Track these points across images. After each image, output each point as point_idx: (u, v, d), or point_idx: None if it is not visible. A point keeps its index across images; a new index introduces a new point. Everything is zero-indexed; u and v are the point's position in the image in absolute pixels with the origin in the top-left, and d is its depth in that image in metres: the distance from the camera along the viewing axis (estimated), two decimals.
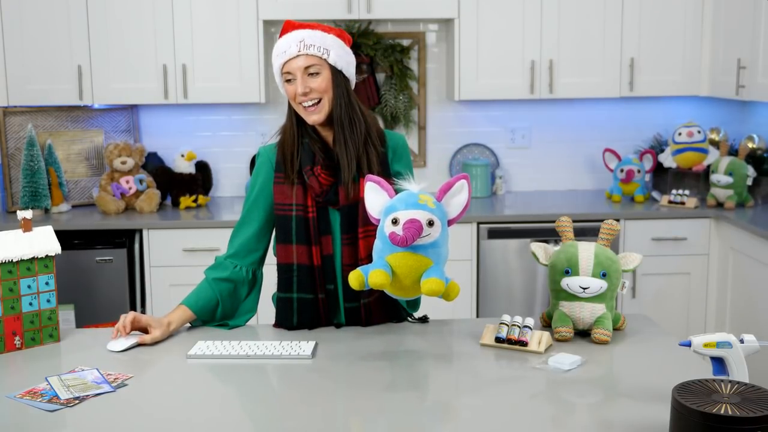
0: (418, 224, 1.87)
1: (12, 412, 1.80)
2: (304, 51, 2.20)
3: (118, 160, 4.18)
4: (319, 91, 2.21)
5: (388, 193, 1.97)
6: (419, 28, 4.55)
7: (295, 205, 2.27)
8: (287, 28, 2.26)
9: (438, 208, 1.93)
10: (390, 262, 1.92)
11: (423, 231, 1.87)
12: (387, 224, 1.91)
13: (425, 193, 1.95)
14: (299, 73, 2.20)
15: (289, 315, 2.32)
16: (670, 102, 4.63)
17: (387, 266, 1.91)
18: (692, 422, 1.45)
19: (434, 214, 1.91)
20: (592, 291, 2.17)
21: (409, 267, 1.91)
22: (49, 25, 4.08)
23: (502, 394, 1.87)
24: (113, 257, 3.96)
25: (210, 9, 4.14)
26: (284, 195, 2.28)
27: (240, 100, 4.24)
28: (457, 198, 1.96)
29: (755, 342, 1.75)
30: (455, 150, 4.63)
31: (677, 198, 4.18)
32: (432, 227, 1.90)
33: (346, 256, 2.28)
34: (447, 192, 1.96)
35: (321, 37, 2.22)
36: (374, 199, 1.99)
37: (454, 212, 1.96)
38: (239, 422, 1.78)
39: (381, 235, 1.94)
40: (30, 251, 2.18)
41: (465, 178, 1.96)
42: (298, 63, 2.20)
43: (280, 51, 2.23)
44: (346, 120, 2.24)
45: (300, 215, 2.27)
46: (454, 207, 1.97)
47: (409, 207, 1.89)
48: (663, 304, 4.12)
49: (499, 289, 4.09)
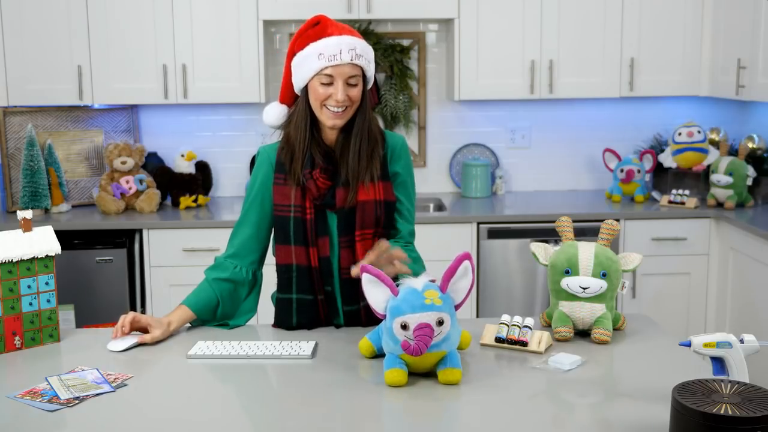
0: (428, 330, 1.83)
1: (12, 412, 1.80)
2: (356, 60, 2.16)
3: (118, 160, 4.18)
4: (354, 100, 2.20)
5: (389, 288, 1.91)
6: (419, 28, 4.55)
7: (294, 206, 2.27)
8: (329, 28, 2.19)
9: (445, 302, 1.88)
10: (404, 359, 1.91)
11: (434, 333, 1.85)
12: (396, 328, 1.87)
13: (430, 287, 1.89)
14: (342, 80, 2.16)
15: (288, 315, 2.32)
16: (670, 102, 4.63)
17: (403, 364, 1.90)
18: (692, 422, 1.45)
19: (442, 311, 1.86)
20: (592, 291, 2.17)
21: (422, 360, 1.91)
22: (49, 25, 4.08)
23: (502, 394, 1.87)
24: (113, 257, 3.96)
25: (210, 9, 4.14)
26: (284, 196, 2.28)
27: (240, 100, 4.24)
28: (461, 282, 1.91)
29: (755, 342, 1.75)
30: (455, 150, 4.63)
31: (677, 198, 4.18)
32: (442, 326, 1.86)
33: (344, 259, 2.28)
34: (451, 279, 1.89)
35: (367, 48, 2.21)
36: (375, 294, 1.93)
37: (460, 298, 1.91)
38: (239, 422, 1.78)
39: (390, 334, 1.90)
40: (30, 251, 2.18)
41: (467, 258, 1.90)
42: (345, 70, 2.16)
43: (327, 53, 2.15)
44: (365, 131, 2.24)
45: (298, 216, 2.27)
46: (459, 292, 1.91)
47: (416, 310, 1.85)
48: (663, 304, 4.12)
49: (499, 289, 4.09)
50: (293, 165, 2.26)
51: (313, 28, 2.20)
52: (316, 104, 2.20)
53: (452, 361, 1.90)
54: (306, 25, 2.22)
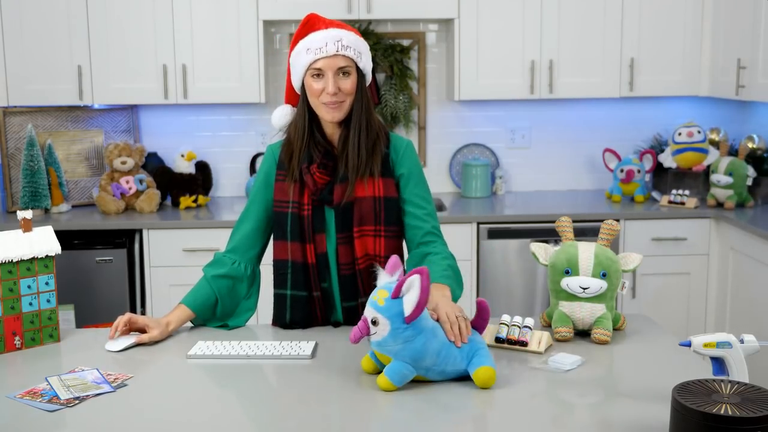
0: (362, 324, 1.88)
1: (12, 412, 1.80)
2: (342, 51, 2.18)
3: (118, 160, 4.18)
4: (347, 92, 2.22)
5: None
6: (419, 28, 4.55)
7: (292, 202, 2.28)
8: (317, 24, 2.23)
9: (387, 305, 1.85)
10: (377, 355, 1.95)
11: (369, 330, 1.87)
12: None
13: (387, 288, 1.88)
14: (331, 72, 2.19)
15: (282, 312, 2.32)
16: (670, 102, 4.63)
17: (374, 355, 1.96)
18: (692, 422, 1.45)
19: (379, 312, 1.86)
20: (592, 291, 2.17)
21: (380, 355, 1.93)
22: (49, 25, 4.08)
23: (502, 394, 1.87)
24: (113, 257, 3.96)
25: (210, 9, 4.14)
26: (283, 192, 2.30)
27: (240, 100, 4.24)
28: (408, 296, 1.85)
29: (755, 342, 1.75)
30: (455, 150, 4.63)
31: (677, 198, 4.18)
32: (377, 326, 1.86)
33: (342, 255, 2.28)
34: (399, 289, 1.86)
35: (356, 40, 2.23)
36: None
37: (408, 310, 1.86)
38: (239, 422, 1.78)
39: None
40: (30, 251, 2.18)
41: (421, 273, 1.84)
42: (333, 62, 2.19)
43: (314, 47, 2.19)
44: (364, 123, 2.25)
45: (295, 212, 2.28)
46: (407, 304, 1.86)
47: (369, 304, 1.89)
48: (663, 304, 4.12)
49: (499, 289, 4.09)
50: (292, 161, 2.28)
51: (303, 26, 2.25)
52: (314, 100, 2.23)
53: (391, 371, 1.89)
54: (299, 26, 2.26)
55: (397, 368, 1.87)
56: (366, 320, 1.87)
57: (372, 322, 1.87)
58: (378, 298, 1.87)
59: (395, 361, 1.88)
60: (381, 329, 1.86)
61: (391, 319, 1.85)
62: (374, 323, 1.86)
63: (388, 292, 1.87)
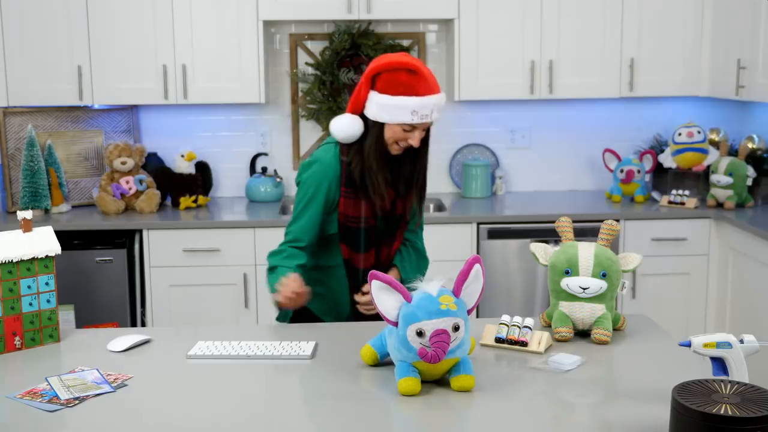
0: (445, 336, 1.81)
1: (12, 412, 1.80)
2: (434, 117, 2.36)
3: (118, 160, 4.18)
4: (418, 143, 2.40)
5: (402, 294, 1.88)
6: (419, 28, 4.55)
7: (364, 218, 2.45)
8: (422, 88, 2.32)
9: (459, 307, 1.86)
10: (418, 367, 1.88)
11: (451, 339, 1.83)
12: (411, 335, 1.84)
13: (445, 292, 1.86)
14: (421, 129, 2.37)
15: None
16: (670, 102, 4.63)
17: (416, 372, 1.88)
18: (692, 422, 1.45)
19: (458, 317, 1.84)
20: (592, 291, 2.17)
21: (436, 367, 1.88)
22: (49, 25, 4.08)
23: (502, 394, 1.87)
24: (113, 257, 3.96)
25: (210, 9, 4.14)
26: (354, 209, 2.44)
27: (240, 100, 4.24)
28: (473, 286, 1.90)
29: (755, 342, 1.75)
30: (455, 150, 4.63)
31: (677, 198, 4.18)
32: (458, 331, 1.84)
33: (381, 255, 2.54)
34: (464, 283, 1.88)
35: (442, 108, 2.39)
36: (386, 301, 1.90)
37: (472, 301, 1.89)
38: (239, 422, 1.78)
39: (403, 341, 1.86)
40: (30, 251, 2.18)
41: (477, 261, 1.89)
42: (426, 124, 2.37)
43: (420, 113, 2.32)
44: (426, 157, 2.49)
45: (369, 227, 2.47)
46: (471, 296, 1.89)
47: (432, 316, 1.82)
48: (663, 305, 4.12)
49: (499, 289, 4.09)
50: (364, 182, 2.41)
51: (408, 75, 2.32)
52: (391, 140, 2.38)
53: (465, 368, 1.89)
54: (400, 65, 2.33)
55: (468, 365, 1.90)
56: (446, 333, 1.82)
57: (454, 328, 1.84)
58: (446, 304, 1.83)
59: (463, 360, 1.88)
60: (460, 333, 1.85)
61: (465, 319, 1.87)
62: (456, 329, 1.84)
63: (450, 296, 1.85)
